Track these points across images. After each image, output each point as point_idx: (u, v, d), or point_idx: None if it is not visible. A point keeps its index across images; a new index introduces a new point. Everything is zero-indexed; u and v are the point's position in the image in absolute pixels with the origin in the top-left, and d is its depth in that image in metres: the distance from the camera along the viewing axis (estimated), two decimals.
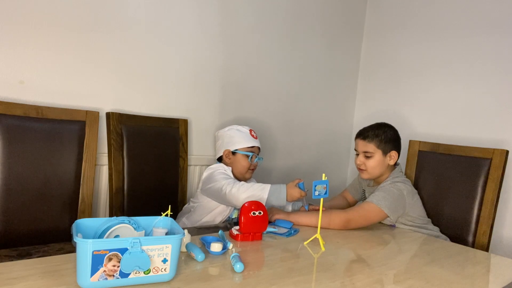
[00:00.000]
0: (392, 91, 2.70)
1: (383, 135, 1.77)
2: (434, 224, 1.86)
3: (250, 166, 1.75)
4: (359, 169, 1.81)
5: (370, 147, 1.76)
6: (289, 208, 1.80)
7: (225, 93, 2.20)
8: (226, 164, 1.76)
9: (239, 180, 1.74)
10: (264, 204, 1.50)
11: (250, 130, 1.79)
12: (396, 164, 1.84)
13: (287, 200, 1.56)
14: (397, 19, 2.69)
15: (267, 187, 1.55)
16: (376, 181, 1.84)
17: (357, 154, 1.82)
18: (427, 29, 2.52)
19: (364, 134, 1.79)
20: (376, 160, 1.76)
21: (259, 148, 1.80)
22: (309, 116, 2.64)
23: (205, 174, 1.73)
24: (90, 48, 1.73)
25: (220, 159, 1.81)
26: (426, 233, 1.72)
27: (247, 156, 1.73)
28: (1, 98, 1.50)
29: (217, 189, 1.62)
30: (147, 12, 1.87)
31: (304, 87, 2.59)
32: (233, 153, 1.75)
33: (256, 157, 1.76)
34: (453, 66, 2.39)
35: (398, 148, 1.81)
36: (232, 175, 1.72)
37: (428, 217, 1.84)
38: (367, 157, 1.77)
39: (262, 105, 2.38)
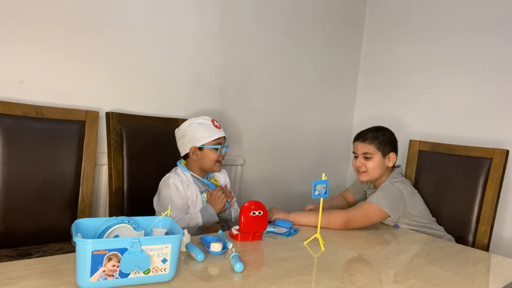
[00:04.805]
0: (392, 91, 2.69)
1: (382, 137, 1.79)
2: None
3: (219, 158, 1.68)
4: (359, 172, 1.82)
5: (370, 148, 1.77)
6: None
7: (225, 93, 2.20)
8: (193, 161, 1.69)
9: (208, 172, 1.72)
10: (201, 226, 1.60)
11: (213, 120, 1.71)
12: (395, 167, 1.85)
13: (217, 212, 1.63)
14: (397, 18, 2.69)
15: (197, 214, 1.61)
16: (375, 184, 1.85)
17: (356, 157, 1.83)
18: (427, 29, 2.52)
19: (363, 136, 1.81)
20: (376, 161, 1.77)
21: (224, 137, 1.73)
22: (309, 116, 2.64)
23: (160, 185, 1.67)
24: (90, 48, 1.72)
25: (185, 157, 1.74)
26: (430, 233, 1.71)
27: (216, 149, 1.67)
28: (1, 98, 1.50)
29: None
30: (147, 12, 1.86)
31: (304, 87, 2.59)
32: (200, 148, 1.67)
33: (224, 147, 1.70)
34: (453, 66, 2.39)
35: (396, 150, 1.83)
36: (188, 181, 1.66)
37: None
38: (367, 159, 1.78)
39: (262, 105, 2.38)
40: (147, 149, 1.82)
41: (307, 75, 2.59)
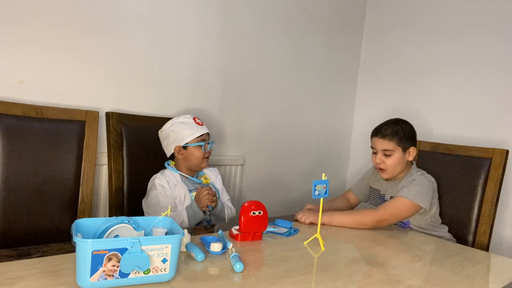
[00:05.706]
0: (391, 91, 2.69)
1: (402, 132, 1.72)
2: None
3: (205, 154, 1.69)
4: (379, 169, 1.76)
5: (390, 145, 1.71)
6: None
7: (225, 93, 2.20)
8: (180, 161, 1.69)
9: (196, 171, 1.72)
10: (188, 226, 1.56)
11: (194, 118, 1.71)
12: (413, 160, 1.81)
13: (201, 208, 1.60)
14: (397, 18, 2.69)
15: (183, 211, 1.59)
16: (394, 177, 1.80)
17: (375, 153, 1.76)
18: (427, 29, 2.52)
19: (382, 132, 1.73)
20: (397, 158, 1.71)
21: (208, 134, 1.73)
22: (309, 116, 2.64)
23: (148, 187, 1.68)
24: (90, 48, 1.72)
25: (172, 157, 1.74)
26: (436, 234, 1.71)
27: (200, 146, 1.67)
28: (1, 98, 1.50)
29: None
30: (147, 12, 1.87)
31: (304, 87, 2.59)
32: (184, 147, 1.67)
33: (208, 144, 1.70)
34: (453, 66, 2.39)
35: (415, 144, 1.77)
36: (176, 180, 1.66)
37: None
38: (387, 156, 1.72)
39: (262, 105, 2.38)
40: (147, 149, 1.82)
41: (307, 75, 2.59)
